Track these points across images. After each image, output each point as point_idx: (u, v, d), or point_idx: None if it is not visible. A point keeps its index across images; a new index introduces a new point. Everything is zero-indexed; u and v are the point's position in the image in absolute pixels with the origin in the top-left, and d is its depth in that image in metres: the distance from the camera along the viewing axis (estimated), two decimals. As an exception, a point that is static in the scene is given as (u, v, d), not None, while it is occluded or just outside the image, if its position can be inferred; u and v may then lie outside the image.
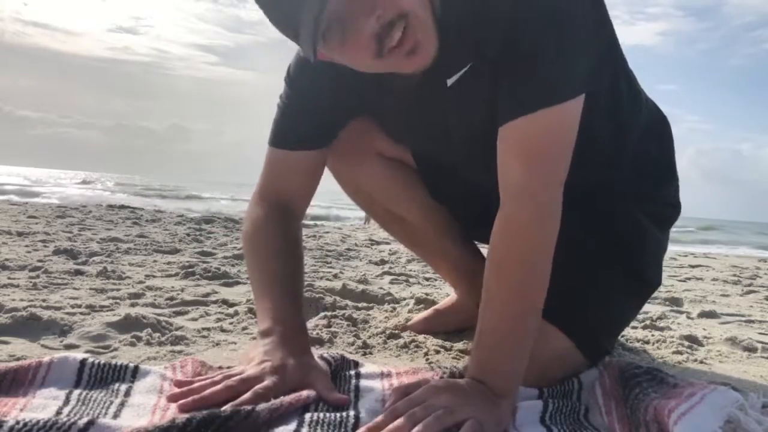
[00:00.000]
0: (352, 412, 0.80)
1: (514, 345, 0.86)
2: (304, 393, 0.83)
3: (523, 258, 0.88)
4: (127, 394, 0.85)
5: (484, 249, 1.57)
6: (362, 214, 1.52)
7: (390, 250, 3.39)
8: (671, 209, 1.19)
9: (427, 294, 1.77)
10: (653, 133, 1.15)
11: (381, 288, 1.92)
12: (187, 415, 0.69)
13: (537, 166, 0.89)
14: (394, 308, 1.63)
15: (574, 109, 0.90)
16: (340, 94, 1.08)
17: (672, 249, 1.29)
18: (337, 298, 1.66)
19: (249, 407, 0.74)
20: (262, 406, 0.75)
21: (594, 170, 1.07)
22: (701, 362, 1.30)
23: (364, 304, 1.66)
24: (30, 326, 1.23)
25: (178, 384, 0.86)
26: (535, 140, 0.88)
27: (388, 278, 2.26)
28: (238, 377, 0.83)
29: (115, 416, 0.78)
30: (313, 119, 1.10)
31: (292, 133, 1.11)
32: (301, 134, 1.11)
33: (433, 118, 1.04)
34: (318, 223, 6.16)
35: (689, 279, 3.00)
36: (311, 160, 1.13)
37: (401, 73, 0.93)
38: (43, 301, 1.47)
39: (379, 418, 0.76)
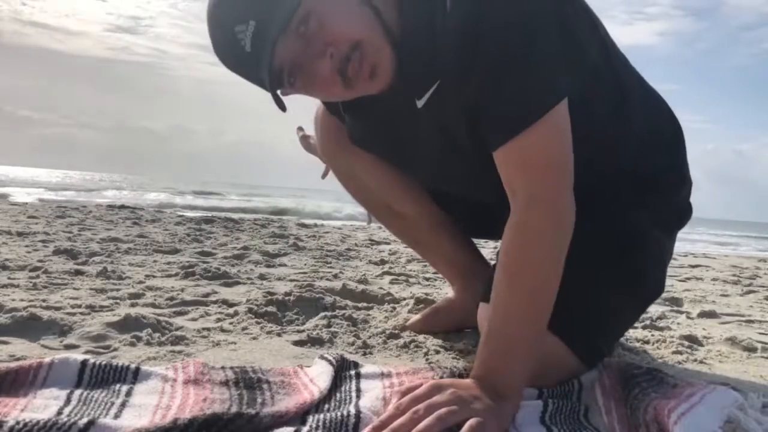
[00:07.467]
0: (353, 411, 0.80)
1: (521, 348, 0.87)
2: (308, 398, 0.83)
3: (537, 265, 0.89)
4: (129, 394, 0.85)
5: (482, 247, 1.58)
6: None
7: (390, 250, 3.39)
8: (679, 213, 1.16)
9: (427, 294, 1.77)
10: (660, 135, 1.13)
11: (381, 288, 1.92)
12: (189, 416, 0.70)
13: (543, 176, 0.90)
14: (394, 308, 1.63)
15: (562, 110, 0.90)
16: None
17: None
18: (337, 298, 1.66)
19: (253, 411, 0.74)
20: (266, 412, 0.74)
21: (594, 171, 1.07)
22: (701, 362, 1.30)
23: (364, 304, 1.66)
24: (30, 326, 1.23)
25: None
26: (533, 153, 0.90)
27: (388, 278, 2.26)
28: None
29: (116, 416, 0.78)
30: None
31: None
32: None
33: (405, 136, 1.07)
34: (318, 223, 6.15)
35: (689, 279, 2.99)
36: None
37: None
38: (43, 301, 1.47)
39: (383, 416, 0.76)
